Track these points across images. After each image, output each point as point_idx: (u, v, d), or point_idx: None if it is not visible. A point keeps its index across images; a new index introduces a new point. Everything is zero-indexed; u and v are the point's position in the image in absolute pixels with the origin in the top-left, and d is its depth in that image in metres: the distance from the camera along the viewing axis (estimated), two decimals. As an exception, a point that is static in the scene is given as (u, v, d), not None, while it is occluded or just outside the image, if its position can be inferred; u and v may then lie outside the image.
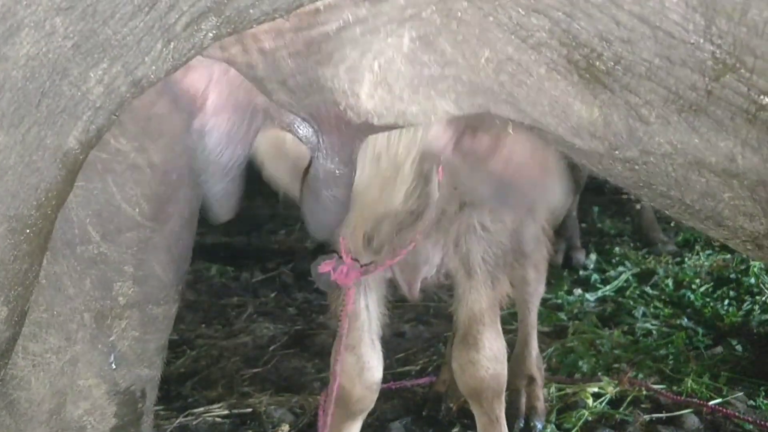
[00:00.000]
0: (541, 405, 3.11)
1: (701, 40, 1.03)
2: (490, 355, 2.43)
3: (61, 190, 1.13)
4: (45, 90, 1.02)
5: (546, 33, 1.10)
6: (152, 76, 1.10)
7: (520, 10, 1.09)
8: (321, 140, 1.37)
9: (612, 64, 1.10)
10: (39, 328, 1.57)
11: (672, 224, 5.62)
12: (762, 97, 1.05)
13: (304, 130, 1.38)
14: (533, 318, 3.28)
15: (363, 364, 2.41)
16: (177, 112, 1.48)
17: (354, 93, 1.22)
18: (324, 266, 2.06)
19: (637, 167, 1.24)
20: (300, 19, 1.16)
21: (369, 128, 1.30)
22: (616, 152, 1.20)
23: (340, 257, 2.08)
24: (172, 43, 1.08)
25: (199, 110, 1.35)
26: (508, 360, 3.00)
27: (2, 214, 1.07)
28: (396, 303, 2.51)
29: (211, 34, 1.10)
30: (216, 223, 1.54)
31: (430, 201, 1.90)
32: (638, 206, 5.36)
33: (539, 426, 3.05)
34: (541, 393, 3.15)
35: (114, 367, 1.66)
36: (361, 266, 2.11)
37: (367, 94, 1.21)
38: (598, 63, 1.10)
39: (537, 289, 3.25)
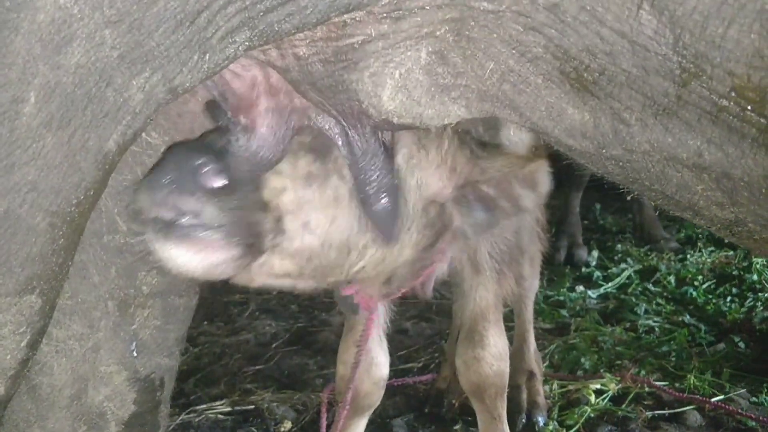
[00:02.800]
0: (542, 400, 3.12)
1: (670, 52, 1.18)
2: (495, 352, 2.44)
3: (98, 188, 1.20)
4: (91, 96, 1.10)
5: (541, 48, 1.24)
6: (187, 84, 1.18)
7: (519, 28, 1.22)
8: (350, 135, 1.48)
9: (597, 74, 1.24)
10: (63, 315, 1.62)
11: (674, 221, 5.62)
12: (721, 100, 1.20)
13: (337, 130, 1.49)
14: (530, 313, 3.29)
15: (371, 359, 2.43)
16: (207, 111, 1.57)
17: (376, 95, 1.34)
18: (348, 289, 2.04)
19: (622, 164, 1.38)
20: (329, 30, 1.27)
21: (388, 125, 1.42)
22: (604, 151, 1.35)
23: None
24: (207, 54, 1.16)
25: (247, 110, 1.44)
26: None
27: (45, 209, 1.14)
28: (398, 300, 2.50)
29: (243, 46, 1.19)
30: None
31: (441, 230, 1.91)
32: (638, 203, 5.36)
33: (542, 421, 3.06)
34: (541, 388, 3.16)
35: (135, 354, 1.71)
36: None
37: (388, 97, 1.34)
38: (585, 74, 1.25)
39: (532, 284, 3.26)
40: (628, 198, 1.61)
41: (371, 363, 2.43)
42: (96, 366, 1.67)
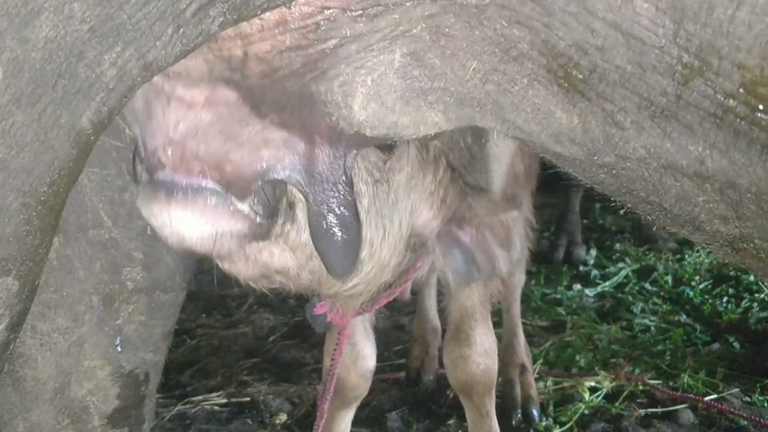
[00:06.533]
0: (535, 392, 3.16)
1: (670, 45, 1.05)
2: (482, 351, 2.47)
3: (73, 168, 1.17)
4: (61, 71, 1.06)
5: (527, 44, 1.14)
6: (162, 61, 1.14)
7: (504, 23, 1.13)
8: (311, 169, 1.38)
9: (588, 72, 1.12)
10: (48, 309, 1.62)
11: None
12: (727, 99, 1.06)
13: (294, 171, 1.38)
14: (518, 308, 3.34)
15: (357, 352, 2.46)
16: None
17: (347, 105, 1.26)
18: (319, 308, 2.03)
19: (615, 172, 1.26)
20: (301, 37, 1.22)
21: (361, 139, 1.34)
22: (595, 158, 1.23)
23: None
24: (182, 29, 1.11)
25: None
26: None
27: (17, 188, 1.10)
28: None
29: (218, 21, 1.14)
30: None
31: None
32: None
33: (537, 415, 3.08)
34: (533, 380, 3.19)
35: (119, 349, 1.71)
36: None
37: (359, 106, 1.26)
38: (575, 72, 1.13)
39: (520, 279, 3.33)
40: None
41: (357, 356, 2.46)
42: (80, 360, 1.67)
